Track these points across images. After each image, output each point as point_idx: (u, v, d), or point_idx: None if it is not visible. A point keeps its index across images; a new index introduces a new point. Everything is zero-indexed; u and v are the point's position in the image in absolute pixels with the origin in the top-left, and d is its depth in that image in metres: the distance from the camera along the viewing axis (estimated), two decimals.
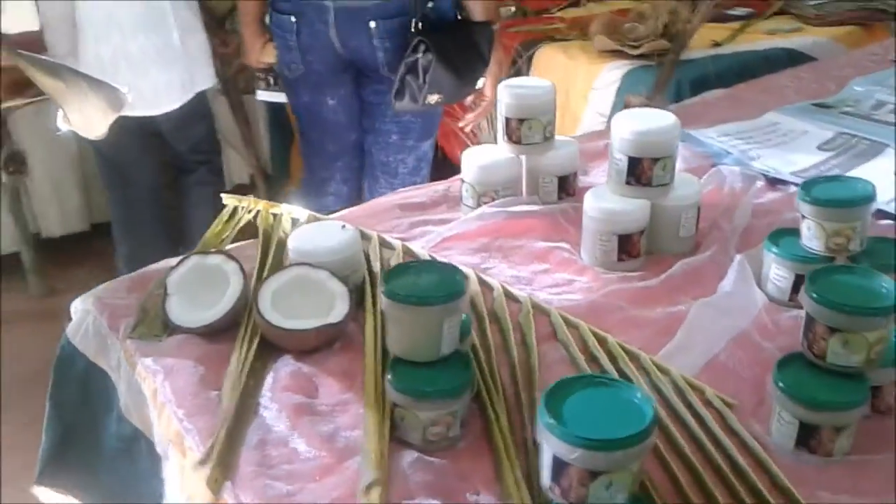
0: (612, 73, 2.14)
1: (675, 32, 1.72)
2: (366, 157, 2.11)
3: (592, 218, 1.15)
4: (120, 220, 2.64)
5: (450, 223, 1.27)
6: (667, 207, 1.16)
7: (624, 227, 1.13)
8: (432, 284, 0.82)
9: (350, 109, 2.04)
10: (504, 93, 1.29)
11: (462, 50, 1.82)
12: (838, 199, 0.99)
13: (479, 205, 1.31)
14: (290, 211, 1.31)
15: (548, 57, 2.32)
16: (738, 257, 1.09)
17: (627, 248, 1.14)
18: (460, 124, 2.07)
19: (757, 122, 1.63)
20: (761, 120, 1.64)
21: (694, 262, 1.12)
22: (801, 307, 0.86)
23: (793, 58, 2.22)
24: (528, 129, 1.28)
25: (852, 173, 1.40)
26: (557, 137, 1.35)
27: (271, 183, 2.96)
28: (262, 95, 2.23)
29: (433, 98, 1.81)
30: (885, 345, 0.80)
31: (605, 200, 1.14)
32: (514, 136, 1.30)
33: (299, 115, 2.14)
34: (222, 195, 1.37)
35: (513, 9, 2.78)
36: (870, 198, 1.00)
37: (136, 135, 2.45)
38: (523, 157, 1.33)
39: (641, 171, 1.12)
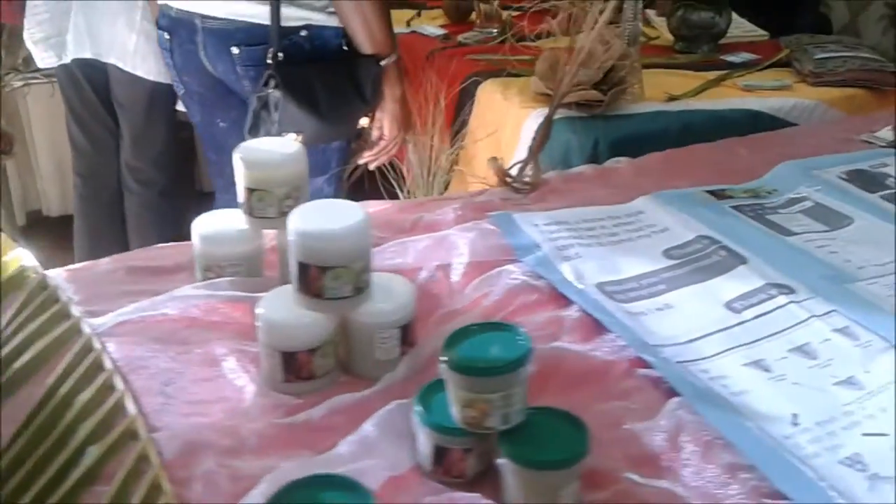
0: (537, 122, 1.88)
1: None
2: None
3: (257, 327, 0.95)
4: (79, 214, 2.62)
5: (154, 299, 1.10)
6: (358, 324, 0.95)
7: (288, 343, 0.92)
8: None
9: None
10: (236, 155, 1.10)
11: (330, 87, 1.64)
12: (470, 361, 0.75)
13: (204, 279, 1.13)
14: (25, 261, 1.19)
15: (488, 94, 2.08)
16: (393, 404, 0.86)
17: (294, 368, 0.93)
18: (360, 161, 1.89)
19: (621, 207, 1.36)
20: (628, 206, 1.37)
21: (346, 401, 0.90)
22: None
23: (759, 122, 1.88)
24: (258, 200, 1.09)
25: (674, 294, 1.12)
26: None
27: None
28: (181, 106, 2.13)
29: (292, 137, 1.63)
30: None
31: (275, 308, 0.94)
32: (247, 207, 1.11)
33: (198, 135, 2.02)
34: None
35: (494, 31, 2.53)
36: (517, 363, 0.75)
37: (95, 123, 2.40)
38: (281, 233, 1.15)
39: (310, 280, 0.91)
